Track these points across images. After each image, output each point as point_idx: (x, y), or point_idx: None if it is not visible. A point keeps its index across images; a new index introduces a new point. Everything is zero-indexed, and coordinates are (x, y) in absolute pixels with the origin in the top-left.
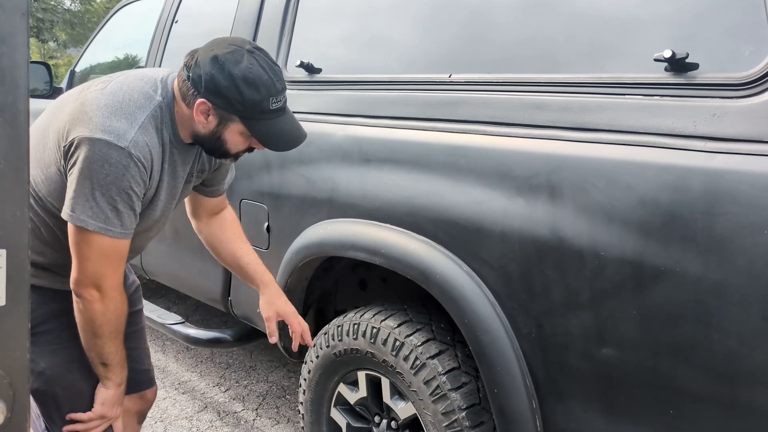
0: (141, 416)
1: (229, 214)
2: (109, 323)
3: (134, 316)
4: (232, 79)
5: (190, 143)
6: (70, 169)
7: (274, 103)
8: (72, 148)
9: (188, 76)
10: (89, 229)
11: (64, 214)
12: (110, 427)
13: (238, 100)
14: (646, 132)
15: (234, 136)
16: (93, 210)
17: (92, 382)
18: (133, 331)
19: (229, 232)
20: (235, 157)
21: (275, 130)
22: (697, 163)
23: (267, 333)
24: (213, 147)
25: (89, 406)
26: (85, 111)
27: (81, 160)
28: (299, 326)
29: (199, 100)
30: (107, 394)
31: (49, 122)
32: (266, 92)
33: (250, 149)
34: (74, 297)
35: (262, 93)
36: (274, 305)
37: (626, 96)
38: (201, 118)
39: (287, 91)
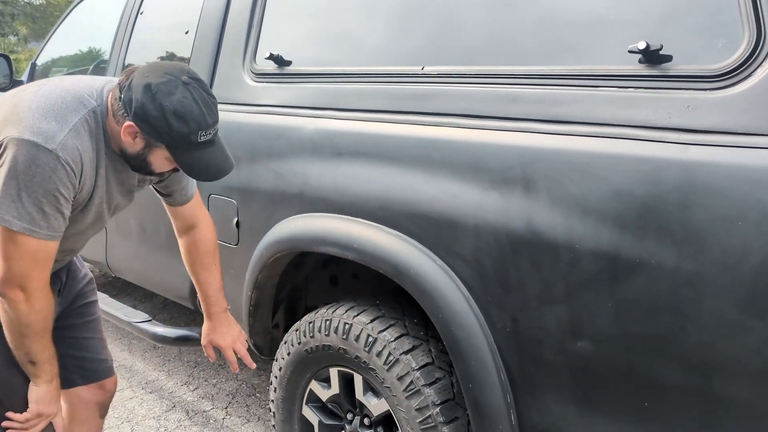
0: (102, 408)
1: (203, 234)
2: (35, 323)
3: (89, 307)
4: (162, 111)
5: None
6: None
7: (203, 136)
8: (1, 149)
9: (120, 97)
10: (14, 230)
11: None
12: (50, 424)
13: (165, 131)
14: (620, 124)
15: (159, 160)
16: (18, 211)
17: (28, 378)
18: (88, 321)
19: (197, 256)
20: (160, 176)
21: (200, 161)
22: (672, 155)
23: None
24: (138, 166)
25: (26, 402)
26: (17, 112)
27: (8, 161)
28: (233, 356)
29: (128, 122)
30: (39, 392)
31: None
32: (195, 126)
33: (175, 170)
34: None
35: (191, 127)
36: (208, 336)
37: (600, 88)
38: (128, 138)
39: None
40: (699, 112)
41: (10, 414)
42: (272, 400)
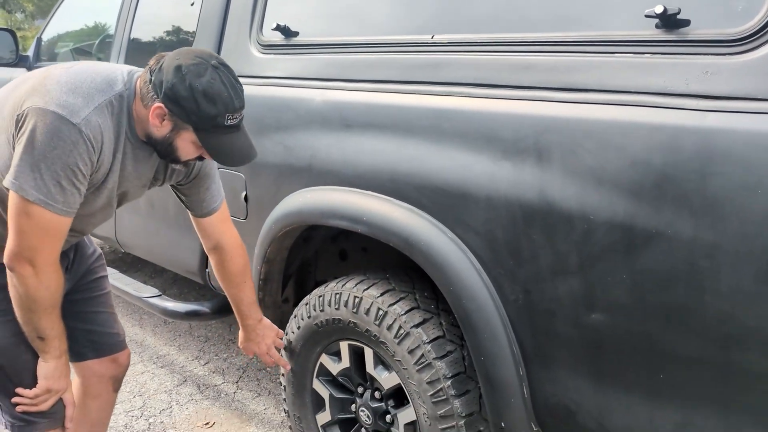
0: (116, 382)
1: (231, 255)
2: (43, 299)
3: (98, 282)
4: (192, 91)
5: (145, 142)
6: (18, 138)
7: (230, 119)
8: (24, 117)
9: (150, 79)
10: (30, 200)
11: (7, 181)
12: (60, 400)
13: (194, 111)
14: (636, 91)
15: (185, 144)
16: (36, 181)
17: (37, 354)
18: (98, 295)
19: (226, 275)
20: (185, 164)
21: (226, 145)
22: (690, 123)
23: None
24: (164, 151)
25: (35, 378)
26: (45, 84)
27: (30, 130)
28: (270, 360)
29: (157, 104)
30: (48, 368)
31: (9, 94)
32: (223, 108)
33: (200, 158)
34: (8, 272)
35: (219, 108)
36: (243, 343)
37: (616, 54)
38: (156, 121)
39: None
40: (718, 77)
41: (19, 390)
42: (283, 374)
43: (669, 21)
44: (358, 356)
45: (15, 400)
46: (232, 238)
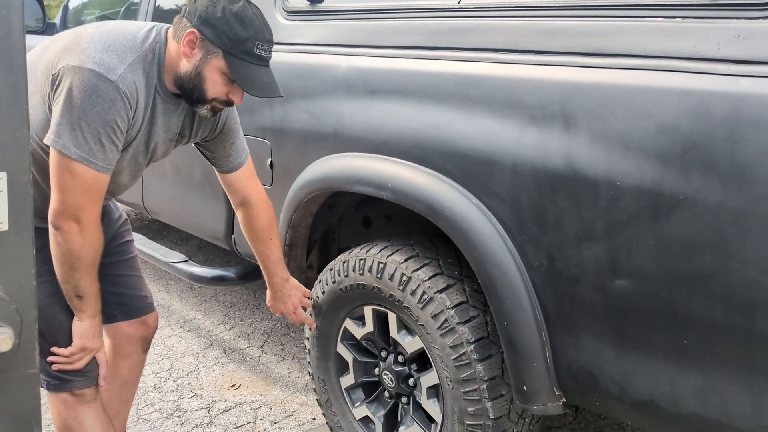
0: (145, 343)
1: (257, 209)
2: (87, 256)
3: (125, 246)
4: (224, 13)
5: (175, 95)
6: (56, 98)
7: (259, 48)
8: (60, 76)
9: (185, 13)
10: (72, 158)
11: (48, 139)
12: (94, 359)
13: (225, 32)
14: (666, 56)
15: (213, 74)
16: (78, 140)
17: (72, 314)
18: (126, 259)
19: (252, 230)
20: (212, 109)
21: (253, 75)
22: (721, 88)
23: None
24: (192, 87)
25: (70, 338)
26: (79, 43)
27: (68, 89)
28: (297, 319)
29: (189, 30)
30: (83, 327)
31: (40, 55)
32: (254, 33)
33: (227, 103)
34: (52, 230)
35: (250, 32)
36: (270, 302)
37: (646, 18)
38: (187, 49)
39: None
40: (750, 42)
41: (55, 349)
42: (307, 338)
43: None
44: (381, 321)
45: (51, 359)
46: (258, 193)
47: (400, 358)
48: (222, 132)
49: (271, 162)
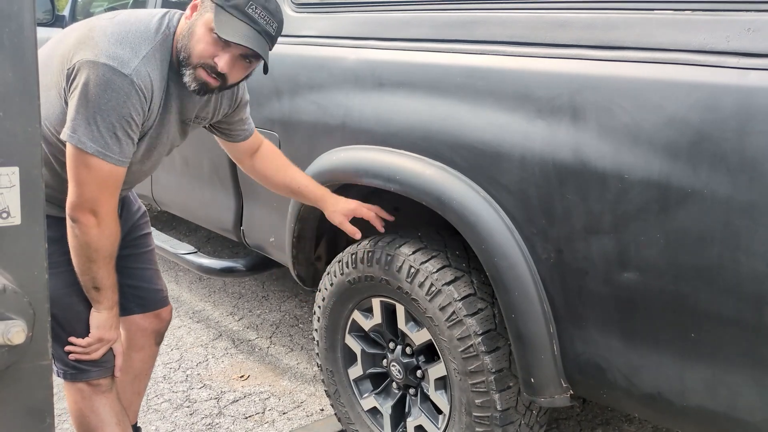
0: (158, 336)
1: (267, 147)
2: (104, 248)
3: (143, 239)
4: None
5: None
6: (71, 92)
7: (252, 9)
8: (75, 71)
9: None
10: (88, 152)
11: (64, 135)
12: (111, 350)
13: None
14: (675, 49)
15: (201, 29)
16: (93, 134)
17: (90, 305)
18: (143, 252)
19: (272, 165)
20: (196, 78)
21: (236, 26)
22: (730, 81)
23: (350, 233)
24: (180, 47)
25: (87, 328)
26: (92, 36)
27: (83, 83)
28: (369, 212)
29: None
30: (100, 318)
31: (54, 48)
32: None
33: (213, 70)
34: (69, 222)
35: None
36: (336, 212)
37: (655, 11)
38: (189, 12)
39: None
40: (760, 34)
41: (72, 339)
42: (316, 329)
43: None
44: (389, 313)
45: (68, 348)
46: (266, 143)
47: (408, 350)
48: (240, 103)
49: None
